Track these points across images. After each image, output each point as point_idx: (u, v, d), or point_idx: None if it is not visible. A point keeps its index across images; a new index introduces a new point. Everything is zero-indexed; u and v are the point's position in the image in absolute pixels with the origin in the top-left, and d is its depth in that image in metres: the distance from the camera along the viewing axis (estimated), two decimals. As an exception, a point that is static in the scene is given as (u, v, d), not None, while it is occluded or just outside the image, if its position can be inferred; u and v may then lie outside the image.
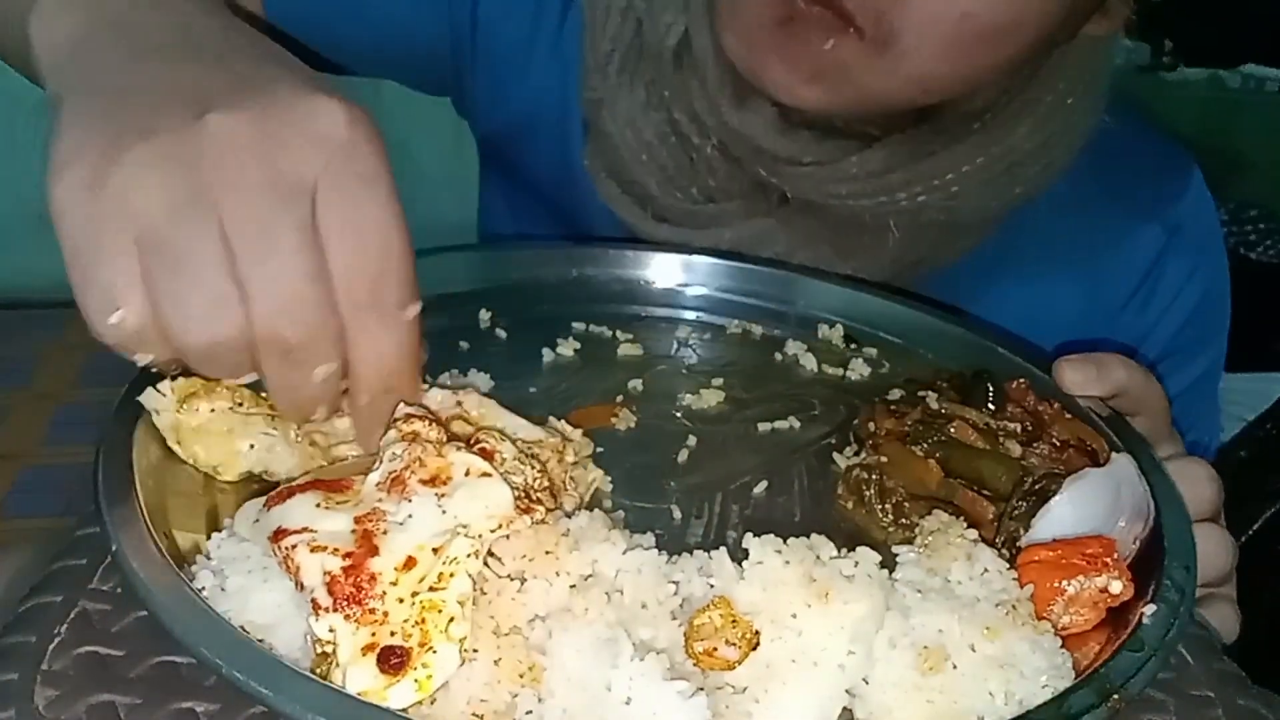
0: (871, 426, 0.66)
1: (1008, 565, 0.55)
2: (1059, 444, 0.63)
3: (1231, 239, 2.26)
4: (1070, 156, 0.82)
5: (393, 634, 0.45)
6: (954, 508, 0.60)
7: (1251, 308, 1.02)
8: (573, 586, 0.50)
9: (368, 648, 0.45)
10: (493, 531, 0.49)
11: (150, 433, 0.55)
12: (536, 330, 0.76)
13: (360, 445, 0.56)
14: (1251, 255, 2.28)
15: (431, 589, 0.47)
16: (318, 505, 0.49)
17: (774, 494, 0.64)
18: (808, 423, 0.70)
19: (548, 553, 0.50)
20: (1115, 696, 0.47)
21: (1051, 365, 0.68)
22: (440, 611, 0.46)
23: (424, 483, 0.50)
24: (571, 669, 0.47)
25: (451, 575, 0.47)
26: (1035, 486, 0.59)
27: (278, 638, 0.48)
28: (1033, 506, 0.58)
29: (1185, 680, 0.54)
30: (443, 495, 0.50)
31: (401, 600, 0.46)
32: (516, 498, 0.51)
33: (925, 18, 0.67)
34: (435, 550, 0.48)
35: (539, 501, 0.52)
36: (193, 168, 0.48)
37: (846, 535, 0.58)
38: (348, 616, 0.45)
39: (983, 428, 0.63)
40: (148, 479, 0.53)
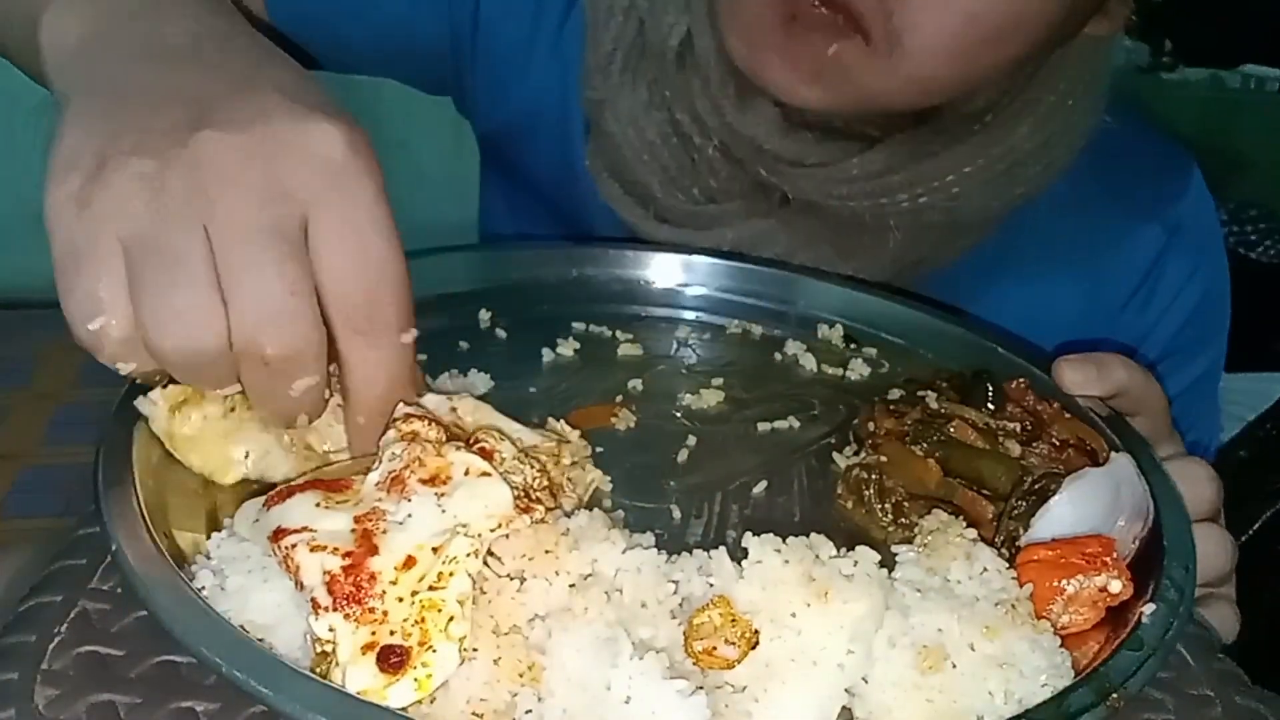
0: (871, 426, 0.66)
1: (1007, 565, 0.55)
2: (1059, 444, 0.63)
3: (1231, 239, 2.26)
4: (1071, 156, 0.82)
5: (392, 633, 0.45)
6: (953, 507, 0.60)
7: (1251, 308, 1.02)
8: (572, 586, 0.50)
9: (367, 647, 0.45)
10: (492, 531, 0.49)
11: (150, 433, 0.55)
12: (536, 330, 0.76)
13: (354, 454, 0.56)
14: (1251, 255, 2.27)
15: (431, 588, 0.47)
16: (317, 505, 0.49)
17: (774, 494, 0.64)
18: (807, 423, 0.70)
19: (547, 552, 0.50)
20: (1114, 695, 0.47)
21: (1051, 365, 0.69)
22: (440, 611, 0.46)
23: (424, 482, 0.50)
24: (571, 668, 0.47)
25: (451, 575, 0.47)
26: (1035, 486, 0.59)
27: (278, 638, 0.48)
28: (1032, 506, 0.58)
29: (1185, 680, 0.54)
30: (442, 495, 0.50)
31: (401, 599, 0.46)
32: (516, 497, 0.51)
33: (929, 20, 0.67)
34: (435, 550, 0.48)
35: (539, 501, 0.52)
36: (184, 181, 0.48)
37: (846, 535, 0.58)
38: (347, 616, 0.45)
39: (982, 427, 0.64)
40: (148, 479, 0.53)
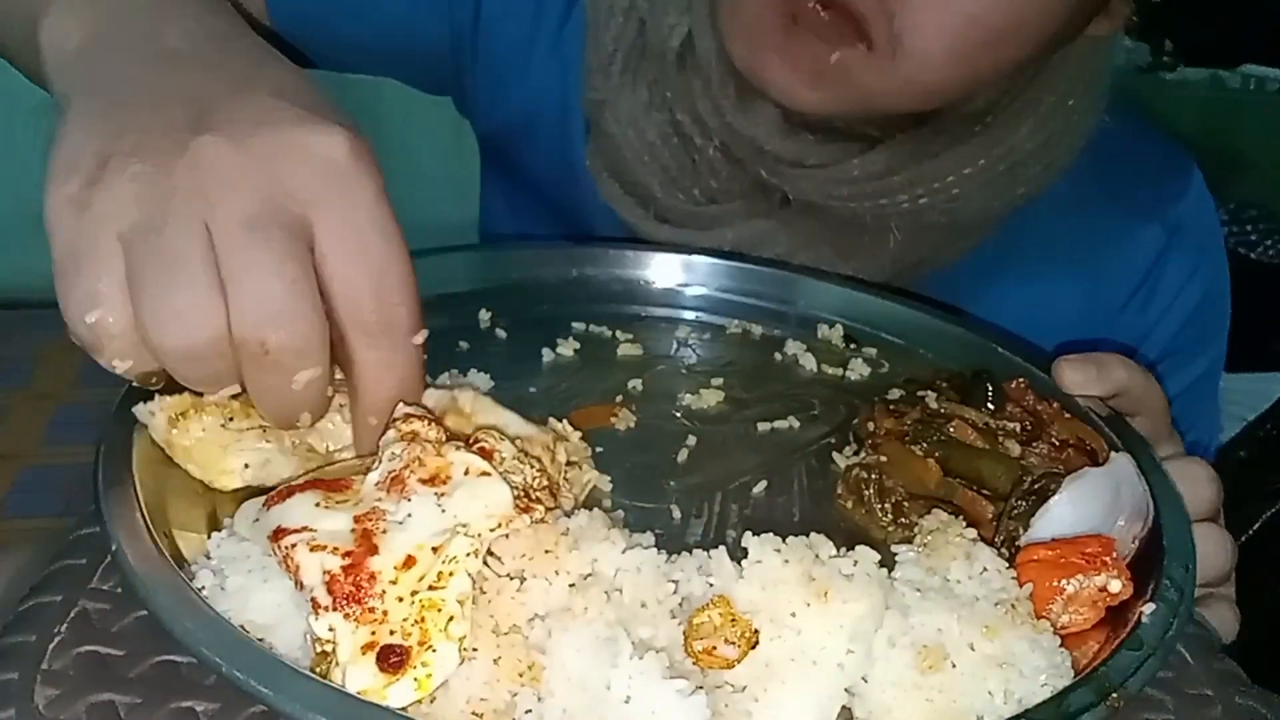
0: (871, 426, 0.66)
1: (1007, 564, 0.55)
2: (1058, 444, 0.63)
3: (1231, 239, 2.26)
4: (1071, 157, 0.82)
5: (392, 633, 0.45)
6: (953, 507, 0.60)
7: (1251, 308, 1.02)
8: (572, 586, 0.50)
9: (367, 647, 0.45)
10: (492, 531, 0.49)
11: (150, 433, 0.55)
12: (536, 330, 0.76)
13: (360, 453, 0.56)
14: (1251, 255, 2.27)
15: (431, 588, 0.46)
16: (317, 504, 0.49)
17: (774, 494, 0.64)
18: (808, 423, 0.70)
19: (547, 552, 0.50)
20: (1114, 695, 0.47)
21: (1051, 365, 0.68)
22: (440, 610, 0.46)
23: (423, 482, 0.50)
24: (571, 668, 0.46)
25: (451, 574, 0.47)
26: (1034, 486, 0.59)
27: (278, 637, 0.48)
28: (1032, 506, 0.58)
29: (1185, 679, 0.54)
30: (442, 494, 0.50)
31: (401, 599, 0.46)
32: (516, 497, 0.51)
33: (930, 21, 0.67)
34: (435, 549, 0.47)
35: (539, 501, 0.52)
36: (184, 181, 0.48)
37: (846, 535, 0.57)
38: (347, 615, 0.45)
39: (982, 427, 0.64)
40: (148, 479, 0.53)
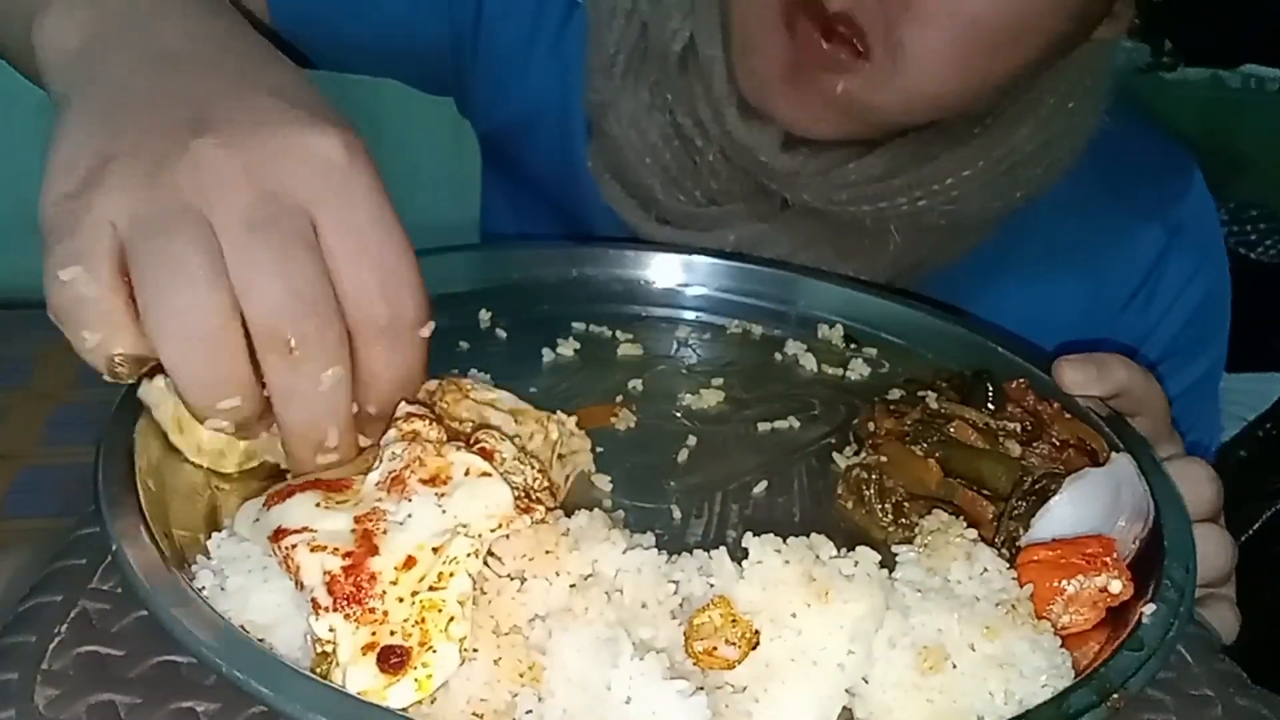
0: (871, 426, 0.66)
1: (1007, 565, 0.55)
2: (1059, 444, 0.63)
3: (1231, 239, 2.26)
4: (1072, 158, 0.82)
5: (393, 633, 0.45)
6: (954, 507, 0.60)
7: (1251, 308, 1.02)
8: (573, 586, 0.50)
9: (368, 647, 0.45)
10: (493, 531, 0.49)
11: (150, 432, 0.55)
12: (536, 330, 0.76)
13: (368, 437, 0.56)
14: (1251, 255, 2.27)
15: (431, 588, 0.46)
16: (318, 505, 0.49)
17: (774, 494, 0.64)
18: (808, 423, 0.70)
19: (548, 552, 0.50)
20: (1115, 696, 0.47)
21: (1051, 365, 0.68)
22: (440, 611, 0.46)
23: (424, 482, 0.50)
24: (571, 668, 0.46)
25: (451, 575, 0.47)
26: (1035, 486, 0.59)
27: (278, 638, 0.48)
28: (1032, 506, 0.58)
29: (1185, 680, 0.54)
30: (443, 495, 0.50)
31: (401, 600, 0.46)
32: (516, 497, 0.51)
33: (931, 26, 0.67)
34: (435, 550, 0.48)
35: (539, 501, 0.52)
36: (184, 182, 0.48)
37: (846, 535, 0.58)
38: (348, 616, 0.45)
39: (982, 428, 0.64)
40: (148, 479, 0.53)
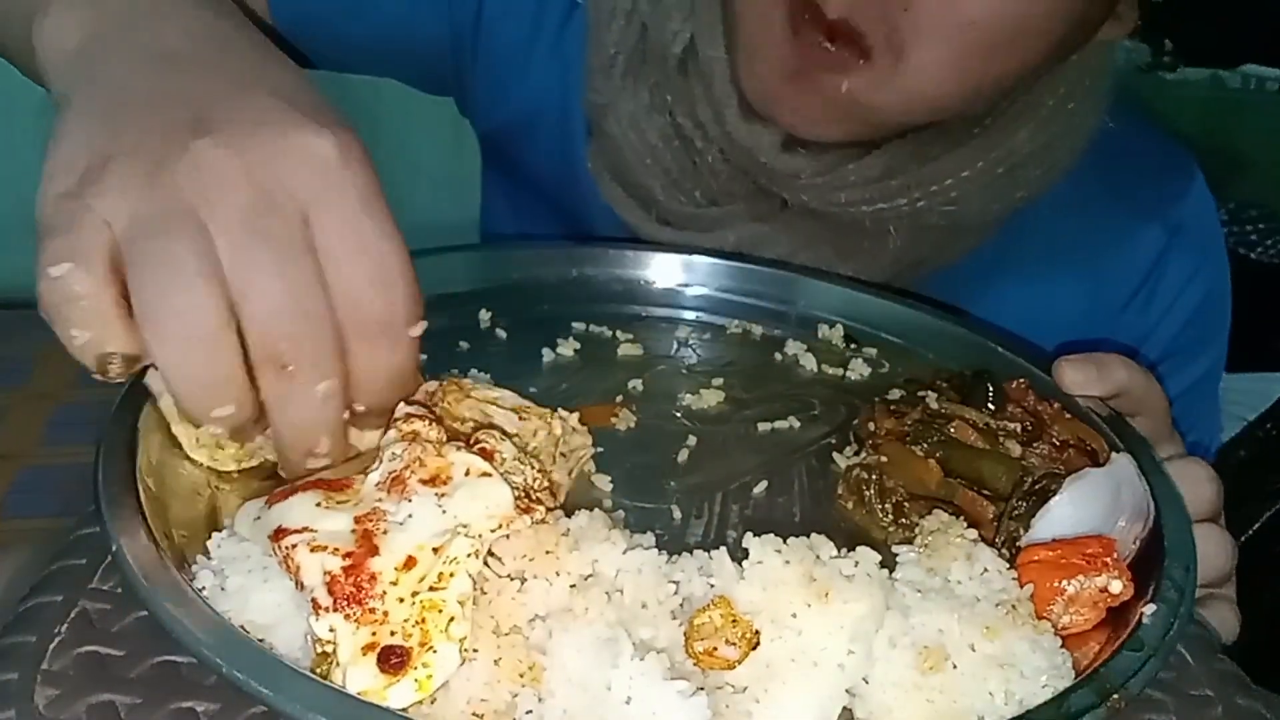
0: (871, 426, 0.66)
1: (1008, 565, 0.55)
2: (1059, 444, 0.63)
3: (1231, 239, 2.26)
4: (1072, 159, 0.82)
5: (393, 634, 0.45)
6: (954, 507, 0.60)
7: (1251, 308, 1.02)
8: (573, 586, 0.50)
9: (368, 647, 0.45)
10: (493, 531, 0.49)
11: (151, 432, 0.55)
12: (536, 330, 0.76)
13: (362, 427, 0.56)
14: (1251, 255, 2.27)
15: (431, 589, 0.47)
16: (318, 505, 0.49)
17: (774, 494, 0.64)
18: (808, 423, 0.70)
19: (548, 553, 0.50)
20: (1115, 696, 0.47)
21: (1051, 365, 0.68)
22: (440, 611, 0.46)
23: (424, 482, 0.50)
24: (571, 669, 0.47)
25: (451, 575, 0.47)
26: (1035, 486, 0.59)
27: (278, 638, 0.48)
28: (1033, 506, 0.58)
29: (1185, 680, 0.54)
30: (443, 495, 0.50)
31: (402, 600, 0.46)
32: (516, 498, 0.51)
33: (931, 27, 0.67)
34: (435, 550, 0.48)
35: (539, 501, 0.52)
36: (183, 182, 0.47)
37: (846, 535, 0.58)
38: (348, 616, 0.45)
39: (983, 428, 0.63)
40: (148, 479, 0.53)
